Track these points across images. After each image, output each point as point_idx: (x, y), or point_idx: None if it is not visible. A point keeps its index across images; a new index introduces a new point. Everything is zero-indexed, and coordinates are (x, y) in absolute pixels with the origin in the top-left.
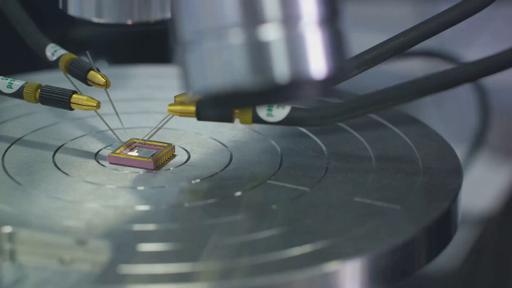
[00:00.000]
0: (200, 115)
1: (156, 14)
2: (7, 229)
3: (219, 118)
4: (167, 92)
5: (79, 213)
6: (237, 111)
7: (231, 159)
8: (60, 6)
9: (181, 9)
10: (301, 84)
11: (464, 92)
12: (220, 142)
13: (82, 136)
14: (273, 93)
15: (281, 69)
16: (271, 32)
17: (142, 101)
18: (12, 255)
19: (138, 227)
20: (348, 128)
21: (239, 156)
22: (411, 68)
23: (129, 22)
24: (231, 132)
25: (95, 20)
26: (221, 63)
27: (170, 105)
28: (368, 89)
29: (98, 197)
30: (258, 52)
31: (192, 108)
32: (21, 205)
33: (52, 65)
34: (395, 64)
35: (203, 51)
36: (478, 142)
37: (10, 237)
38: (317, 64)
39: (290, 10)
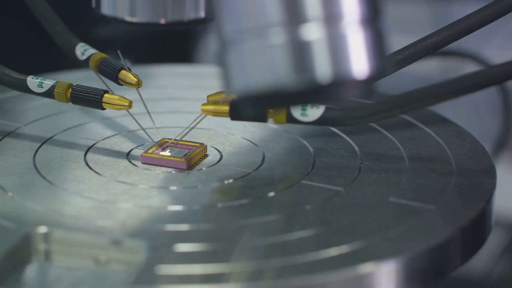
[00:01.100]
0: (234, 115)
1: (190, 13)
2: (42, 229)
3: (252, 118)
4: (195, 91)
5: (113, 213)
6: (271, 110)
7: (263, 159)
8: (93, 5)
9: (222, 8)
10: (343, 84)
11: (483, 93)
12: (251, 142)
13: (112, 135)
14: (314, 93)
15: (322, 69)
16: (313, 32)
17: (171, 100)
18: (47, 256)
19: (172, 227)
20: (379, 128)
21: (271, 156)
22: (425, 68)
23: (162, 21)
24: (262, 131)
25: (128, 19)
26: (263, 62)
27: (203, 104)
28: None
29: (131, 197)
30: (300, 51)
31: (226, 108)
32: (55, 205)
33: (75, 64)
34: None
35: (245, 50)
36: (501, 143)
37: (45, 237)
38: (359, 64)
39: (332, 9)
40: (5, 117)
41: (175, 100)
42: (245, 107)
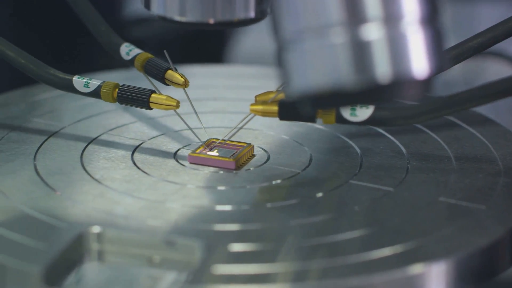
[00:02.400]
0: (282, 115)
1: (240, 13)
2: (96, 229)
3: (301, 118)
4: (236, 91)
5: (164, 213)
6: (320, 111)
7: (310, 159)
8: (143, 4)
9: (282, 9)
10: (403, 83)
11: None
12: (297, 142)
13: (158, 135)
14: (374, 93)
15: (382, 69)
16: (373, 32)
17: (213, 100)
18: (100, 256)
19: (222, 227)
20: (423, 128)
21: (318, 155)
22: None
23: (211, 21)
24: (306, 131)
25: (178, 18)
26: (323, 62)
27: (252, 104)
28: None
29: (181, 197)
30: (360, 51)
31: (275, 108)
32: (105, 205)
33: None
34: None
35: (304, 50)
36: None
37: (98, 237)
38: (418, 63)
39: (392, 9)
40: (49, 117)
41: (217, 100)
42: (304, 107)
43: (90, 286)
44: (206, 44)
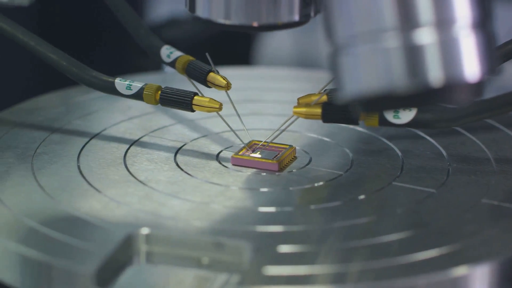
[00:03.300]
0: (326, 117)
1: (284, 17)
2: (144, 230)
3: (344, 120)
4: (273, 93)
5: (211, 214)
6: (363, 113)
7: (352, 161)
8: (187, 7)
9: (335, 14)
10: (455, 87)
11: None
12: (338, 144)
13: (199, 137)
14: (426, 96)
15: (435, 73)
16: (425, 36)
17: (250, 102)
18: (149, 257)
19: (267, 229)
20: (461, 130)
21: (359, 157)
22: None
23: (255, 24)
24: (347, 133)
25: (222, 21)
26: (376, 66)
27: (295, 107)
28: None
29: (226, 198)
30: (413, 55)
31: (318, 110)
32: (152, 207)
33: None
34: None
35: (358, 54)
36: None
37: (147, 238)
38: (471, 67)
39: (444, 14)
40: (89, 119)
41: (255, 102)
42: (355, 109)
43: (139, 287)
44: (232, 46)
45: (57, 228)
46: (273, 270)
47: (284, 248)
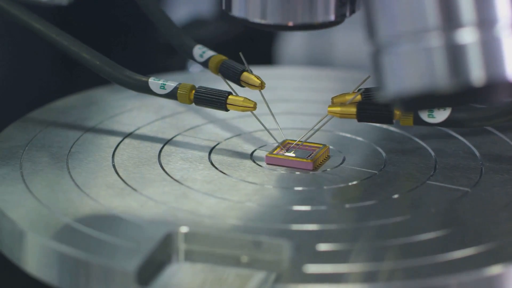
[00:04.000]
0: (361, 117)
1: (320, 16)
2: (184, 229)
3: (379, 119)
4: (304, 93)
5: (248, 213)
6: (397, 112)
7: (385, 160)
8: (223, 7)
9: (378, 14)
10: (496, 86)
11: None
12: (371, 143)
13: (232, 137)
14: (468, 95)
15: (477, 72)
16: (468, 36)
17: (282, 102)
18: (188, 256)
19: (303, 227)
20: (492, 130)
21: (392, 157)
22: None
23: (291, 24)
24: (378, 133)
25: (258, 21)
26: (418, 65)
27: (330, 106)
28: None
29: (262, 197)
30: (455, 55)
31: (353, 110)
32: (189, 205)
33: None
34: None
35: (400, 53)
36: None
37: (186, 237)
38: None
39: (486, 14)
40: (120, 118)
41: (286, 102)
42: (402, 109)
43: (179, 286)
44: (253, 46)
45: (95, 226)
46: (313, 268)
47: (323, 247)
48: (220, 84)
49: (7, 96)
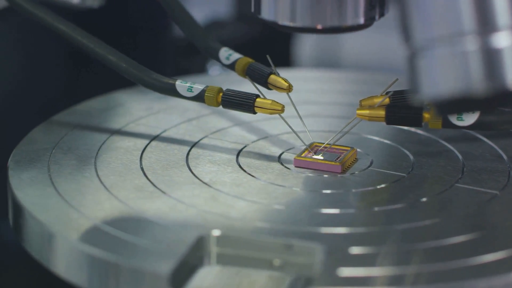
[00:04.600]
0: (389, 119)
1: (349, 19)
2: (216, 232)
3: (408, 122)
4: (328, 95)
5: (277, 216)
6: (426, 115)
7: (413, 163)
8: (252, 9)
9: (414, 18)
10: None
11: None
12: (398, 146)
13: (259, 139)
14: (503, 99)
15: None
16: (504, 40)
17: (306, 104)
18: (220, 259)
19: (334, 230)
20: None
21: (420, 159)
22: None
23: (319, 27)
24: (404, 135)
25: (288, 24)
26: (454, 69)
27: (358, 109)
28: None
29: (291, 200)
30: (491, 58)
31: (382, 113)
32: (219, 208)
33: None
34: None
35: (436, 57)
36: None
37: (218, 240)
38: None
39: None
40: (147, 121)
41: (310, 104)
42: (439, 112)
43: None
44: (273, 47)
45: (125, 229)
46: (346, 271)
47: (354, 250)
48: (239, 85)
49: (18, 98)
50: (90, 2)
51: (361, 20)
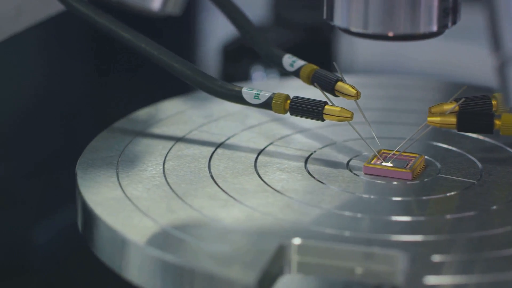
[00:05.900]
0: (461, 126)
1: (422, 27)
2: (297, 240)
3: (479, 129)
4: (385, 101)
5: (352, 224)
6: (498, 122)
7: (482, 170)
8: (324, 16)
9: (503, 27)
10: None
11: None
12: (464, 153)
13: (324, 146)
14: None
15: None
16: None
17: (371, 111)
18: (300, 267)
19: (410, 238)
20: None
21: (488, 166)
22: None
23: (391, 34)
24: (470, 142)
25: (360, 31)
26: None
27: (429, 116)
28: None
29: (364, 208)
30: None
31: (453, 119)
32: (294, 216)
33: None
34: None
35: None
36: None
37: (299, 249)
38: None
39: None
40: (210, 128)
41: (375, 111)
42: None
43: None
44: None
45: (202, 237)
46: (433, 279)
47: (436, 258)
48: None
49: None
50: (171, 9)
51: (434, 28)
